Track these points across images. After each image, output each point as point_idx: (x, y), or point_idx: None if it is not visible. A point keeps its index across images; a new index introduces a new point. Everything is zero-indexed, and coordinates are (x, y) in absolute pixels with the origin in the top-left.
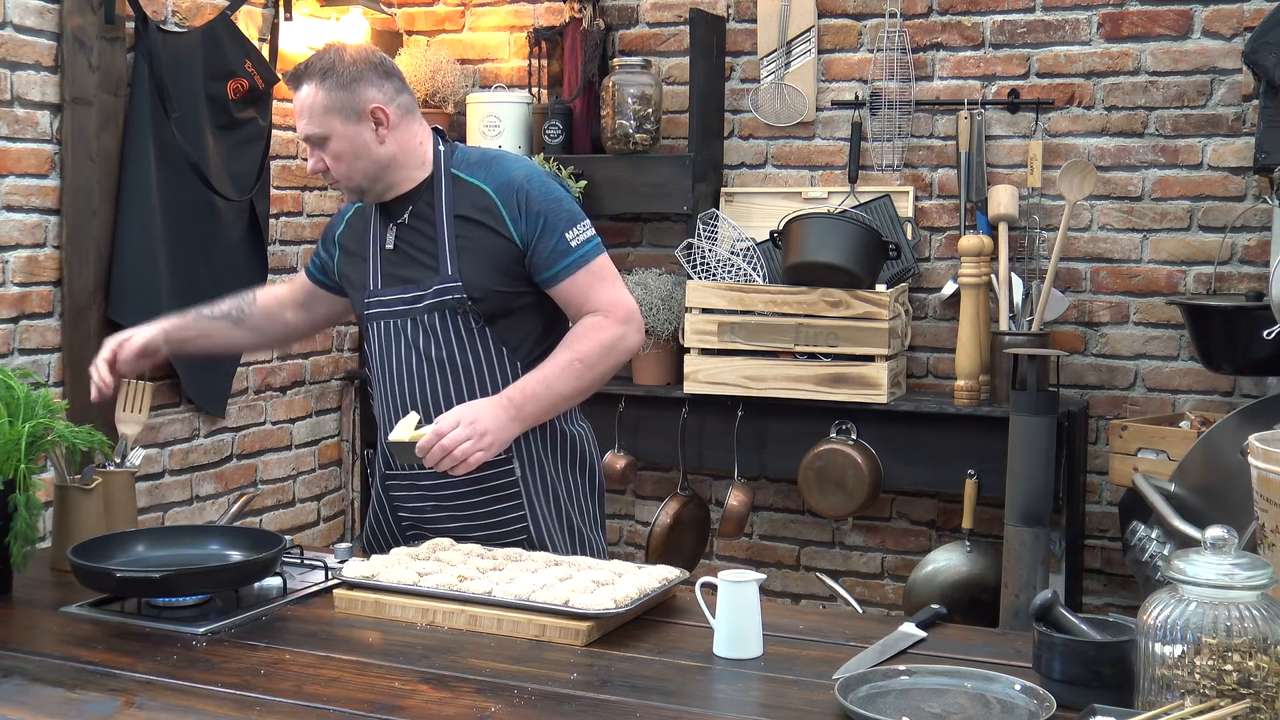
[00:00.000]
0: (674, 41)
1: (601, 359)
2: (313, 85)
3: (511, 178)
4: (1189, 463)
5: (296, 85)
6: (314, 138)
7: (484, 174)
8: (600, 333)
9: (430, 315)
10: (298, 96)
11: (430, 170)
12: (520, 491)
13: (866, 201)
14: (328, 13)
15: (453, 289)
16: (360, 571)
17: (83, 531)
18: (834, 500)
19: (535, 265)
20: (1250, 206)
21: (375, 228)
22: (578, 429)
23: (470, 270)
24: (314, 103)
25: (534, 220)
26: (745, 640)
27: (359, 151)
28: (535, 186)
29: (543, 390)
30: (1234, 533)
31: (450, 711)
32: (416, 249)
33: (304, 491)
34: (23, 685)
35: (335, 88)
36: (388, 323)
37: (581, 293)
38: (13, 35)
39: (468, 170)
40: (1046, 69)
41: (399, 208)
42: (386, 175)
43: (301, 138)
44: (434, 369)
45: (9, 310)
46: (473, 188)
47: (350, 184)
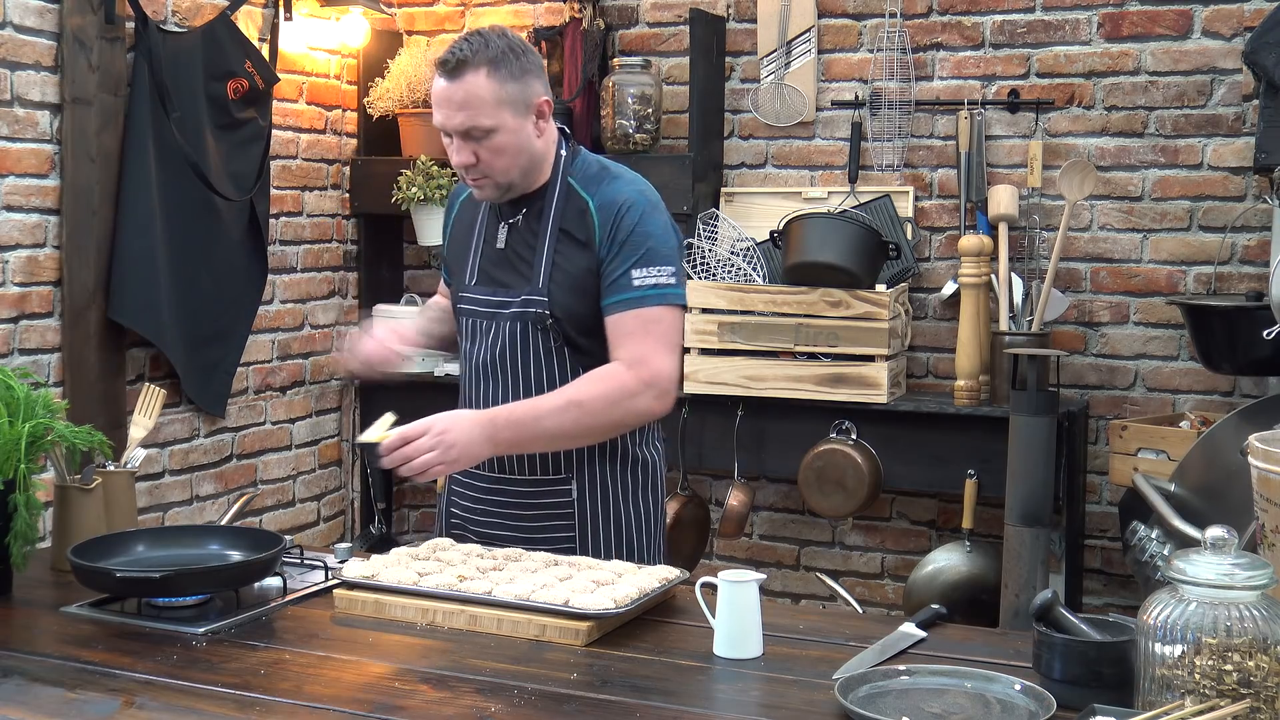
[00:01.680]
0: (674, 41)
1: (604, 410)
2: (481, 75)
3: (616, 197)
4: (1189, 463)
5: (458, 73)
6: (478, 130)
7: (594, 188)
8: (611, 384)
9: (513, 324)
10: (458, 85)
11: (549, 174)
12: (574, 512)
13: (866, 201)
14: (328, 13)
15: (539, 303)
16: (360, 571)
17: (83, 531)
18: (834, 500)
19: (603, 289)
20: (1250, 206)
21: (484, 221)
22: (651, 453)
23: (559, 288)
24: (484, 93)
25: (615, 244)
26: (745, 640)
27: (522, 146)
28: (633, 212)
29: (529, 420)
30: (1234, 533)
31: (450, 711)
32: (519, 254)
33: (304, 491)
34: (23, 685)
35: (509, 78)
36: (474, 321)
37: (621, 335)
38: (13, 35)
39: (582, 182)
40: (1046, 69)
41: (515, 208)
42: (533, 173)
43: (460, 129)
44: (507, 376)
45: (9, 310)
46: (579, 199)
47: (504, 179)
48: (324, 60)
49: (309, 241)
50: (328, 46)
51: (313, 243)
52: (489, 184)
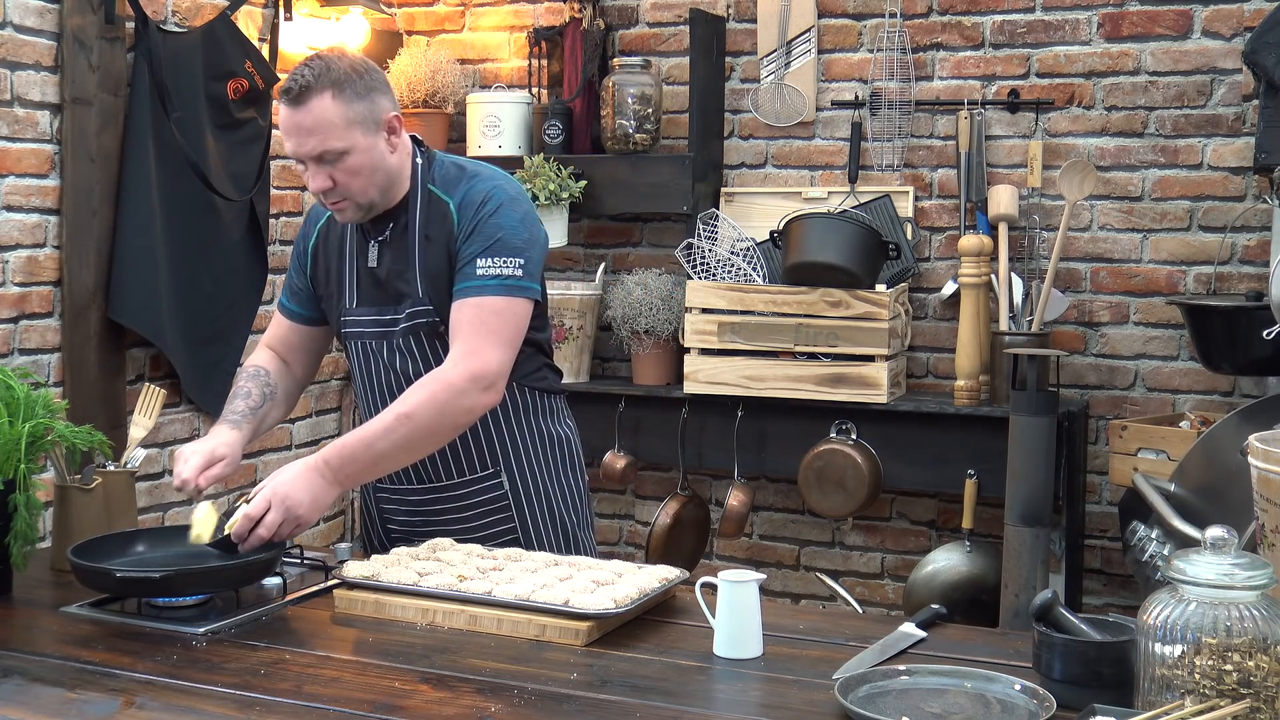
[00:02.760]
0: (674, 41)
1: (435, 417)
2: (326, 98)
3: (473, 194)
4: (1189, 463)
5: (303, 100)
6: (331, 153)
7: (454, 190)
8: (436, 388)
9: (405, 339)
10: (305, 111)
11: (409, 185)
12: (510, 504)
13: (866, 201)
14: (328, 13)
15: (425, 312)
16: (360, 571)
17: (83, 531)
18: (834, 500)
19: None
20: (1250, 206)
21: (353, 241)
22: (564, 429)
23: (439, 292)
24: (333, 116)
25: (468, 237)
26: (745, 640)
27: (376, 164)
28: (489, 205)
29: (362, 450)
30: (1234, 533)
31: (450, 711)
32: (395, 269)
33: None
34: (23, 685)
35: (355, 98)
36: (364, 344)
37: (456, 324)
38: (13, 35)
39: (443, 186)
40: (1046, 69)
41: (380, 224)
42: (391, 188)
43: (313, 154)
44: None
45: (9, 310)
46: (440, 204)
47: (363, 199)
48: None
49: None
50: (327, 46)
51: None
52: (349, 205)
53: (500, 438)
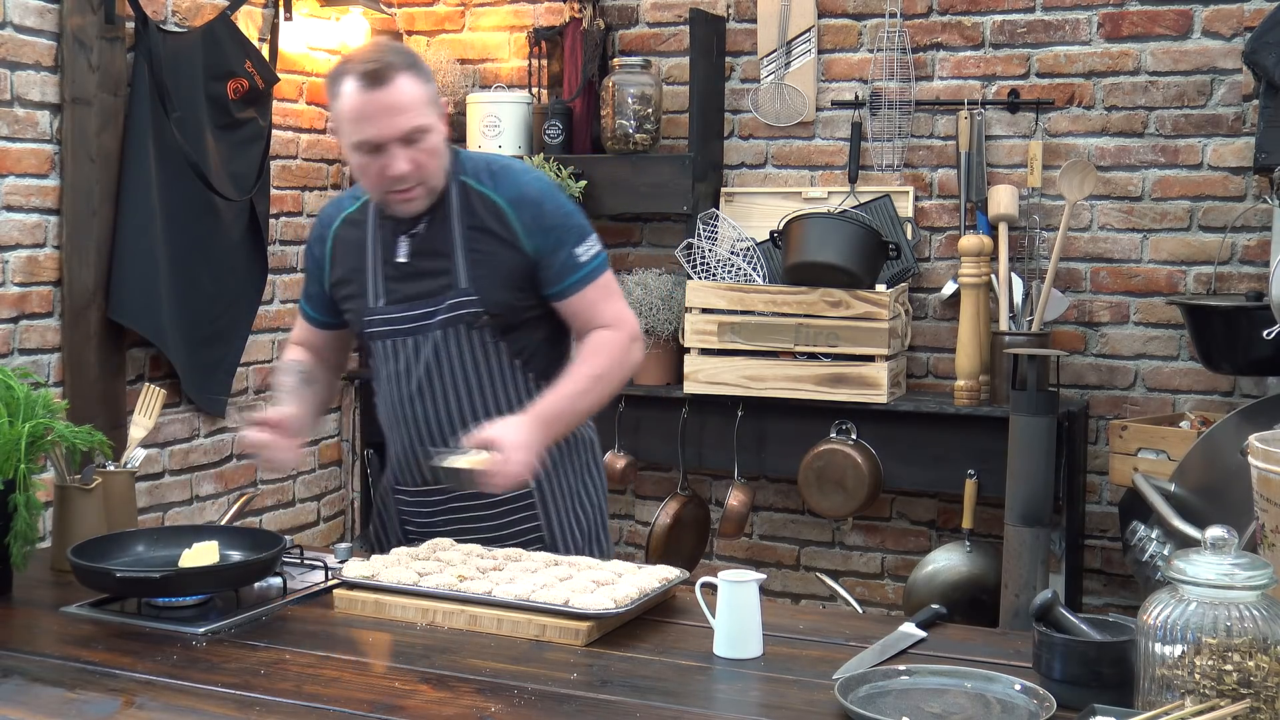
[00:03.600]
0: (674, 41)
1: (617, 375)
2: (408, 77)
3: (525, 190)
4: (1189, 463)
5: (384, 80)
6: (417, 132)
7: (494, 184)
8: (614, 348)
9: (443, 332)
10: (389, 90)
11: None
12: (536, 501)
13: (866, 201)
14: (328, 13)
15: (468, 303)
16: (360, 571)
17: (83, 531)
18: (834, 500)
19: (546, 279)
20: (1250, 206)
21: (378, 238)
22: (587, 432)
23: (484, 283)
24: (416, 95)
25: (547, 234)
26: (745, 640)
27: (444, 147)
28: (549, 200)
29: (567, 407)
30: (1234, 533)
31: (450, 711)
32: (430, 262)
33: (304, 491)
34: (23, 685)
35: (426, 80)
36: (394, 341)
37: (590, 307)
38: (13, 35)
39: (478, 179)
40: (1046, 69)
41: (413, 218)
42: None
43: (400, 134)
44: (447, 387)
45: (9, 310)
46: (484, 198)
47: (435, 184)
48: (324, 60)
49: None
50: (328, 46)
51: None
52: (422, 191)
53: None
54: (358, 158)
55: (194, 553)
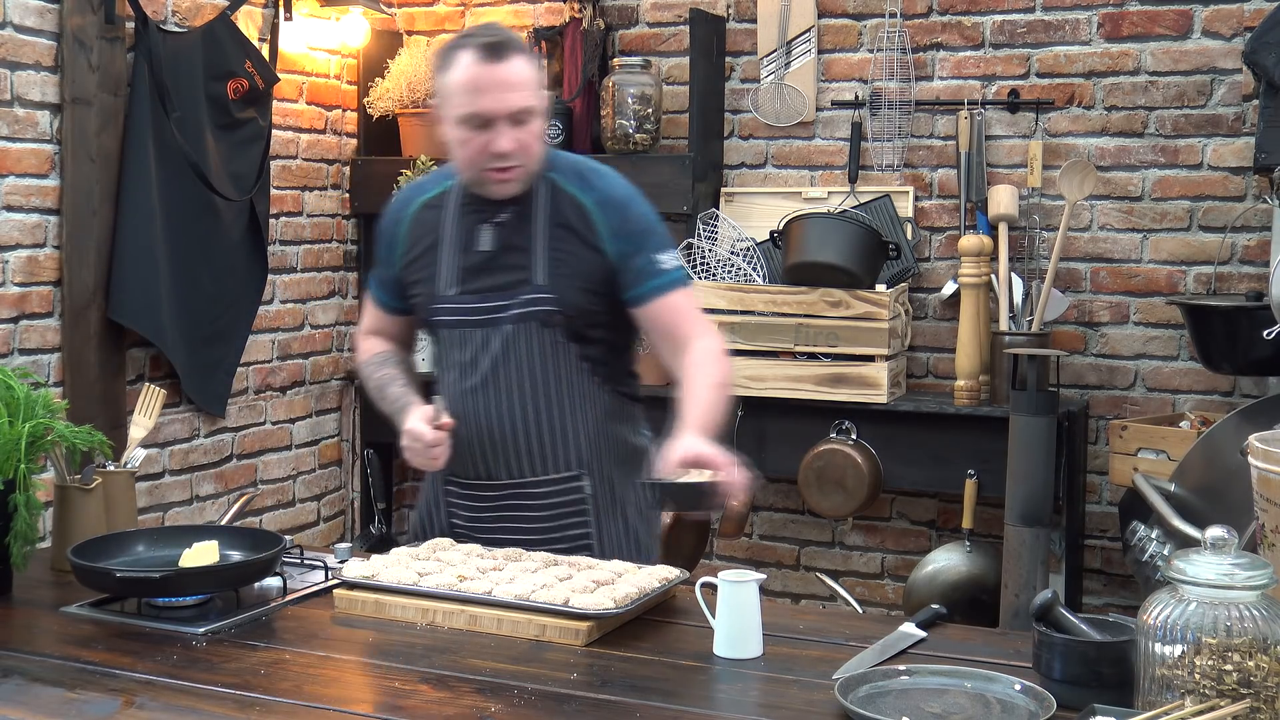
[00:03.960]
0: (674, 41)
1: (729, 384)
2: (522, 57)
3: (613, 194)
4: (1189, 463)
5: (503, 55)
6: (527, 112)
7: (582, 185)
8: (722, 359)
9: (515, 327)
10: (505, 66)
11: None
12: (589, 508)
13: (866, 201)
14: (328, 13)
15: (544, 300)
16: (360, 571)
17: (83, 531)
18: (834, 500)
19: (625, 282)
20: (1250, 206)
21: (458, 224)
22: (644, 439)
23: (563, 282)
24: (529, 76)
25: (630, 238)
26: (745, 640)
27: (544, 132)
28: (635, 204)
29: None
30: (1234, 533)
31: (450, 711)
32: (509, 254)
33: (304, 491)
34: (23, 685)
35: (537, 65)
36: (463, 331)
37: (675, 314)
38: (13, 35)
39: (566, 179)
40: (1046, 69)
41: (498, 207)
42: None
43: (512, 111)
44: (512, 383)
45: (9, 310)
46: (571, 198)
47: (534, 168)
48: (324, 60)
49: (309, 241)
50: (328, 46)
51: (313, 243)
52: (520, 173)
53: (588, 440)
54: (460, 132)
55: (194, 553)
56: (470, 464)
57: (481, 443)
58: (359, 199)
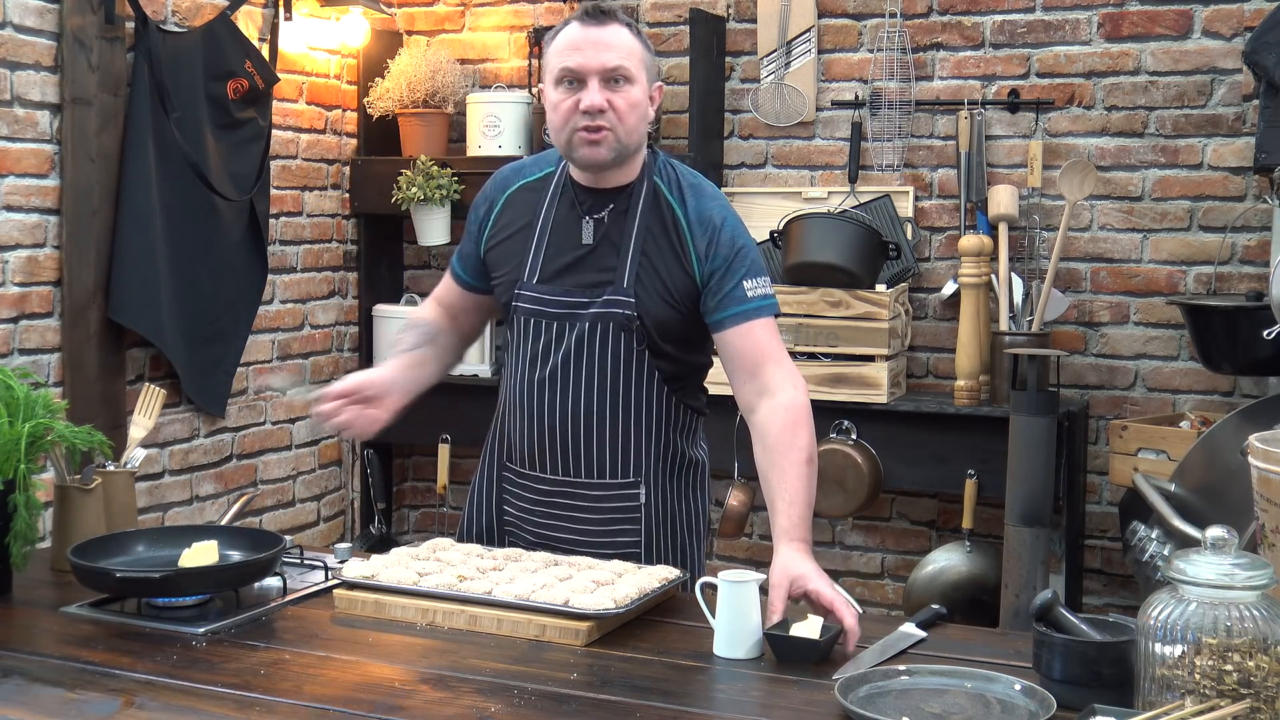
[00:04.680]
0: (674, 41)
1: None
2: (624, 29)
3: (710, 214)
4: (1189, 463)
5: (604, 21)
6: (621, 74)
7: (683, 199)
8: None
9: (593, 326)
10: (605, 29)
11: (639, 172)
12: (641, 517)
13: (866, 201)
14: (328, 13)
15: (623, 304)
16: (360, 571)
17: (83, 531)
18: (834, 500)
19: (708, 305)
20: (1250, 206)
21: (554, 214)
22: (701, 452)
23: (645, 290)
24: (630, 45)
25: (720, 260)
26: (745, 640)
27: (644, 115)
28: (729, 227)
29: (810, 513)
30: (1234, 533)
31: (450, 711)
32: (601, 253)
33: (304, 491)
34: (23, 685)
35: (644, 44)
36: (540, 323)
37: (756, 346)
38: (13, 35)
39: (669, 188)
40: (1046, 69)
41: (602, 201)
42: (636, 155)
43: (605, 69)
44: (580, 382)
45: (9, 310)
46: (671, 209)
47: (625, 139)
48: (324, 60)
49: (309, 241)
50: (328, 46)
51: (313, 243)
52: (610, 138)
53: (649, 450)
54: (556, 94)
55: (193, 552)
56: (528, 455)
57: (542, 436)
58: (359, 199)
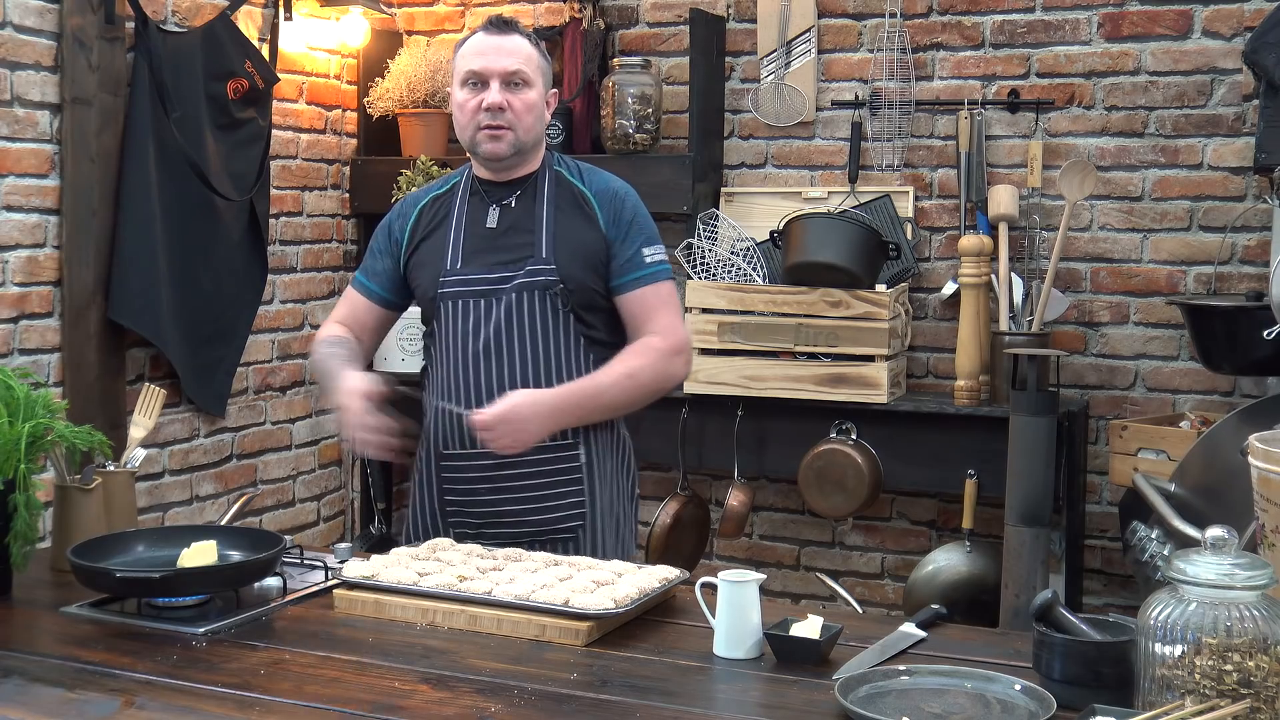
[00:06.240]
0: (674, 41)
1: (653, 380)
2: (524, 40)
3: (611, 186)
4: (1189, 463)
5: (507, 30)
6: (520, 76)
7: (583, 178)
8: (656, 356)
9: (519, 296)
10: (506, 38)
11: (539, 166)
12: (583, 478)
13: (866, 201)
14: (328, 13)
15: (546, 271)
16: (360, 571)
17: (83, 531)
18: (834, 500)
19: (613, 269)
20: (1250, 206)
21: (463, 210)
22: (627, 434)
23: (564, 257)
24: (529, 53)
25: (622, 226)
26: (745, 640)
27: (540, 116)
28: (630, 197)
29: (591, 399)
30: (1234, 533)
31: (450, 711)
32: (518, 231)
33: (304, 491)
34: (23, 685)
35: (542, 55)
36: (465, 303)
37: (645, 309)
38: (13, 35)
39: (569, 173)
40: (1046, 69)
41: (508, 190)
42: (533, 151)
43: (505, 72)
44: (514, 353)
45: (9, 310)
46: (574, 188)
47: (523, 136)
48: (324, 60)
49: (309, 241)
50: (328, 46)
51: (313, 243)
52: (510, 136)
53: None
54: (461, 94)
55: (192, 552)
56: (467, 435)
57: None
58: (359, 199)
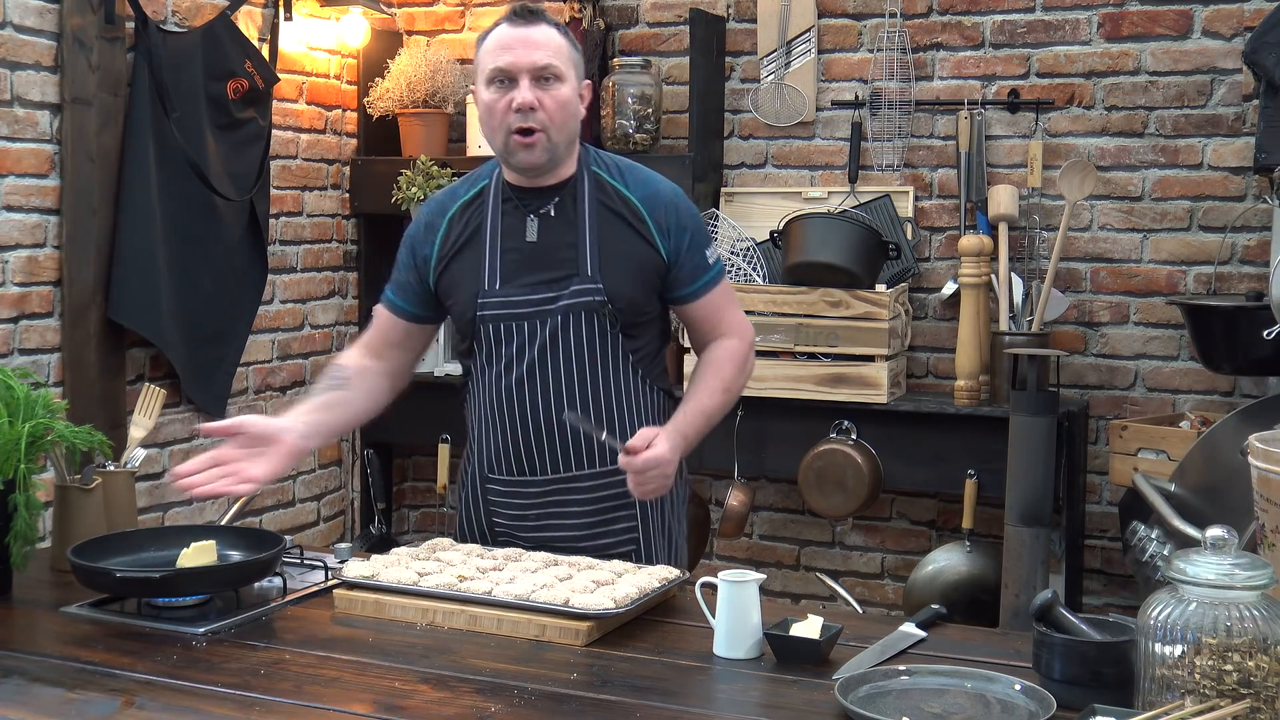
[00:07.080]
0: (674, 41)
1: (741, 384)
2: (552, 29)
3: (659, 189)
4: (1189, 463)
5: (533, 21)
6: (551, 71)
7: (625, 180)
8: (741, 360)
9: (563, 317)
10: (534, 29)
11: (576, 166)
12: (634, 502)
13: (866, 201)
14: (328, 13)
15: (592, 290)
16: (360, 571)
17: (83, 531)
18: (834, 500)
19: (679, 279)
20: (1250, 206)
21: (499, 221)
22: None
23: (611, 274)
24: (559, 44)
25: (682, 235)
26: (745, 640)
27: (574, 112)
28: (683, 200)
29: (703, 421)
30: (1234, 533)
31: (450, 711)
32: (557, 247)
33: (304, 491)
34: (23, 685)
35: (572, 45)
36: (509, 325)
37: (716, 311)
38: (13, 35)
39: (608, 173)
40: (1046, 69)
41: (544, 198)
42: (569, 151)
43: (534, 68)
44: (560, 372)
45: (9, 310)
46: (618, 191)
47: (556, 137)
48: (324, 60)
49: (309, 241)
50: (328, 46)
51: (313, 243)
52: (543, 139)
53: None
54: (488, 94)
55: (191, 552)
56: (513, 461)
57: (527, 438)
58: (359, 199)
